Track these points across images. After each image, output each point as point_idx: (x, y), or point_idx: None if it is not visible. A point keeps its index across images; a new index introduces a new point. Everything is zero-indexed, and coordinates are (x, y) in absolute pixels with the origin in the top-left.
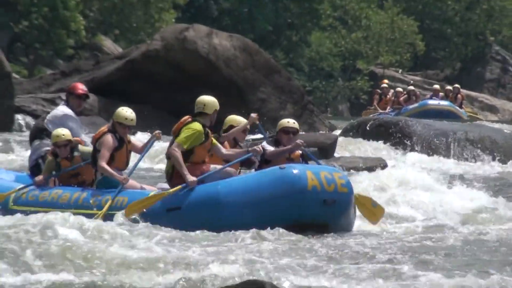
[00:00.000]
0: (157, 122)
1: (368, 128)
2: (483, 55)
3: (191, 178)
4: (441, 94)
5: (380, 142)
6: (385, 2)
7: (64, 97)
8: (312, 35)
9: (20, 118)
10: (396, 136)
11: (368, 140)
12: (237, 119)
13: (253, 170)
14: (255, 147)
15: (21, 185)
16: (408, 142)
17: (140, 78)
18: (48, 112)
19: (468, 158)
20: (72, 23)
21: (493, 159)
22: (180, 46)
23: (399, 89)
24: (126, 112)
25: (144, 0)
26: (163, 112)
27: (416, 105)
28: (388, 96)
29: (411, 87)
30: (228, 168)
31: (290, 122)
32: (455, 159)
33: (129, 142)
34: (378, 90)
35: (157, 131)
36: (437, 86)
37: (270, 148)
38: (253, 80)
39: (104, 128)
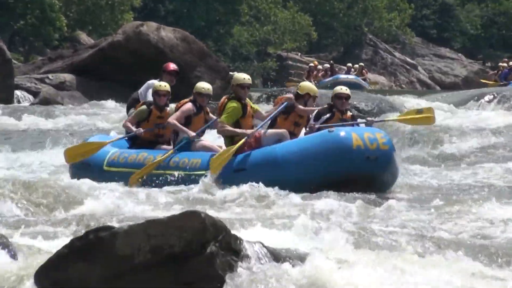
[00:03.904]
0: (119, 94)
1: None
2: (360, 42)
3: (247, 132)
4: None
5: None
6: (287, 3)
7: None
8: (234, 29)
9: (18, 93)
10: None
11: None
12: (312, 88)
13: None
14: (286, 95)
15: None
16: None
17: (107, 62)
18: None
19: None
20: (57, 21)
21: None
22: (137, 38)
23: (320, 66)
24: (203, 84)
25: (110, 4)
26: (124, 87)
27: (330, 78)
28: (314, 72)
29: (327, 65)
30: (282, 131)
31: (343, 88)
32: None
33: (207, 112)
34: (309, 67)
35: None
36: (349, 64)
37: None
38: (191, 62)
39: (187, 99)
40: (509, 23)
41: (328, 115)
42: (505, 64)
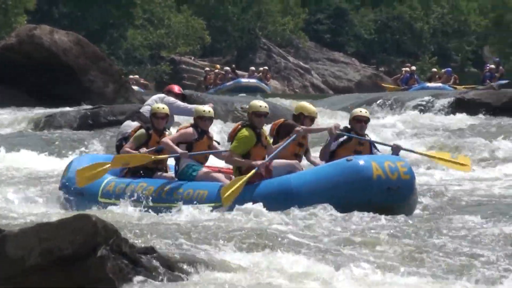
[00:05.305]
0: (12, 97)
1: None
2: (254, 45)
3: (257, 163)
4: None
5: None
6: (181, 7)
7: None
8: (128, 32)
9: None
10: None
11: None
12: (307, 107)
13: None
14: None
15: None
16: None
17: (0, 65)
18: None
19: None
20: None
21: None
22: (30, 41)
23: (217, 70)
24: (204, 106)
25: (3, 7)
26: (17, 90)
27: (231, 82)
28: (211, 75)
29: (228, 68)
30: (293, 162)
31: (362, 111)
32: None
33: (211, 137)
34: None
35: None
36: (253, 68)
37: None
38: (84, 65)
39: (188, 124)
40: (402, 27)
41: (345, 137)
42: (407, 69)
